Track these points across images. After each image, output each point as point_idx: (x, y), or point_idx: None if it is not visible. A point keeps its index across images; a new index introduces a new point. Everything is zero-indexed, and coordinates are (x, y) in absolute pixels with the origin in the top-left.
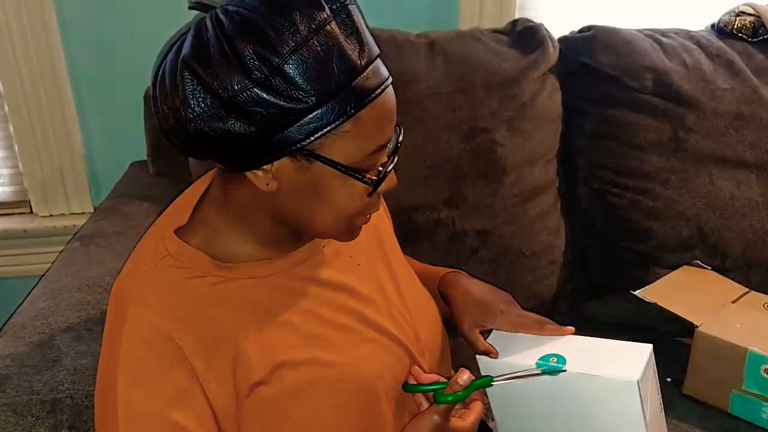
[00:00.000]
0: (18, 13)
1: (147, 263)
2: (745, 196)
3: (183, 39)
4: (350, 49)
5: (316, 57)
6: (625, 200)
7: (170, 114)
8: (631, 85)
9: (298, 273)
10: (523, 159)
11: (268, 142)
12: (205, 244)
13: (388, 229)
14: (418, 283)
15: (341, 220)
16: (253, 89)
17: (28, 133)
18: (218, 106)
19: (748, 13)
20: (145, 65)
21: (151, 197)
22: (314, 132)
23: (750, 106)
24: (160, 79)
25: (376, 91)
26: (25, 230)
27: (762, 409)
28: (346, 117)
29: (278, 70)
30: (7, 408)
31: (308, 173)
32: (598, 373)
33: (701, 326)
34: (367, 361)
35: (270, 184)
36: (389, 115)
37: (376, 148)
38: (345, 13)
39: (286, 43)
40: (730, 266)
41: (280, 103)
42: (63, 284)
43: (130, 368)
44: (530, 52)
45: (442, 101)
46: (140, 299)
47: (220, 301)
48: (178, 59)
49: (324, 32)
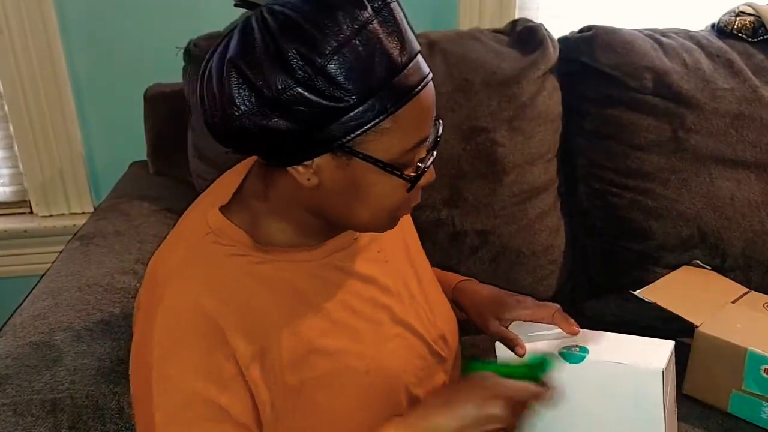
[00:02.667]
0: (18, 13)
1: (189, 239)
2: (745, 196)
3: (229, 38)
4: (391, 48)
5: (358, 56)
6: (625, 200)
7: (217, 112)
8: (631, 85)
9: (332, 262)
10: (523, 159)
11: (309, 140)
12: (246, 225)
13: (411, 229)
14: (438, 283)
15: (380, 214)
16: (297, 89)
17: (28, 133)
18: (263, 104)
19: (748, 13)
20: (145, 65)
21: (151, 197)
22: (355, 129)
23: (750, 106)
24: (207, 77)
25: (416, 89)
26: (25, 230)
27: (762, 409)
28: (386, 114)
29: (321, 70)
30: (7, 408)
31: (348, 169)
32: (624, 361)
33: (701, 326)
34: (393, 356)
35: (311, 179)
36: (428, 111)
37: (415, 144)
38: (387, 11)
39: (328, 43)
40: (730, 266)
41: (323, 102)
42: (63, 284)
43: (168, 345)
44: (530, 52)
45: (442, 101)
46: (182, 275)
47: (261, 280)
48: (224, 58)
49: (366, 31)
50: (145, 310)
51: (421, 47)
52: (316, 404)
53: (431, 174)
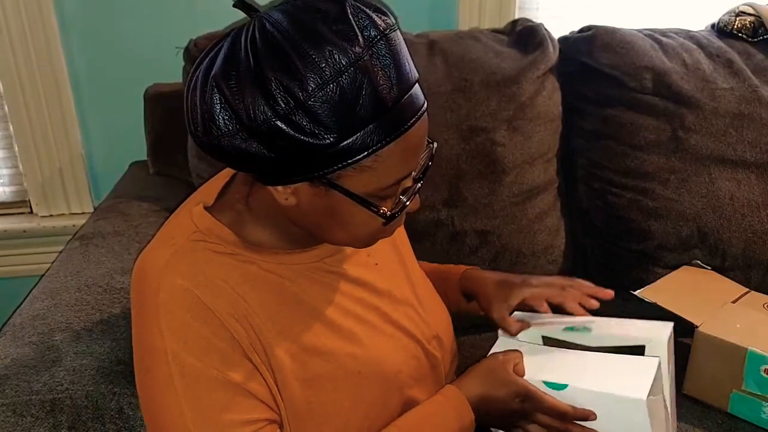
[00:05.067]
0: (18, 13)
1: (176, 238)
2: (745, 196)
3: (219, 49)
4: (381, 85)
5: (343, 95)
6: (624, 200)
7: (199, 124)
8: (630, 85)
9: (323, 265)
10: (523, 159)
11: (287, 168)
12: (233, 225)
13: (402, 231)
14: (430, 283)
15: (357, 239)
16: (275, 122)
17: (28, 133)
18: (241, 129)
19: (748, 13)
20: (145, 65)
21: (151, 197)
22: (333, 164)
23: (750, 105)
24: (192, 88)
25: (405, 126)
26: (24, 230)
27: (762, 409)
28: (368, 153)
29: (302, 105)
30: (6, 408)
31: (325, 198)
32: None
33: (701, 326)
34: (387, 356)
35: (289, 199)
36: (415, 148)
37: (396, 181)
38: (383, 43)
39: (313, 79)
40: (730, 266)
41: (301, 138)
42: (62, 284)
43: (177, 334)
44: (530, 52)
45: (441, 101)
46: (172, 268)
47: (249, 278)
48: (209, 73)
49: (354, 68)
50: (139, 307)
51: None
52: (307, 404)
53: (415, 203)
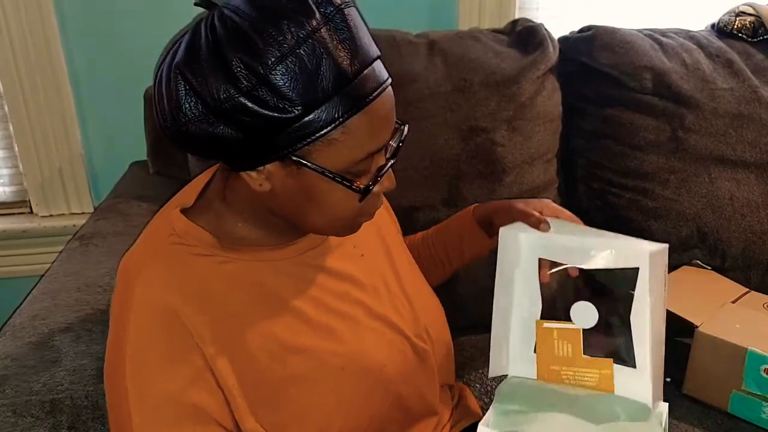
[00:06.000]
0: (18, 13)
1: (154, 241)
2: (745, 196)
3: (181, 41)
4: (341, 57)
5: (303, 66)
6: (624, 200)
7: (167, 115)
8: (630, 85)
9: (304, 260)
10: (523, 159)
11: (256, 148)
12: (210, 226)
13: (388, 222)
14: (421, 275)
15: (336, 222)
16: (239, 99)
17: (28, 133)
18: (208, 112)
19: (748, 13)
20: (145, 65)
21: (151, 197)
22: (301, 140)
23: (749, 106)
24: (158, 80)
25: (368, 98)
26: (25, 230)
27: (762, 409)
28: (335, 125)
29: (264, 80)
30: (6, 408)
31: (298, 177)
32: None
33: (701, 326)
34: (371, 352)
35: (263, 185)
36: (383, 120)
37: (368, 154)
38: (339, 17)
39: (272, 53)
40: (730, 266)
41: (266, 113)
42: (62, 284)
43: (140, 347)
44: (530, 52)
45: (441, 101)
46: (146, 275)
47: (226, 279)
48: (172, 63)
49: (312, 40)
50: (116, 309)
51: (420, 47)
52: (290, 400)
53: (390, 181)
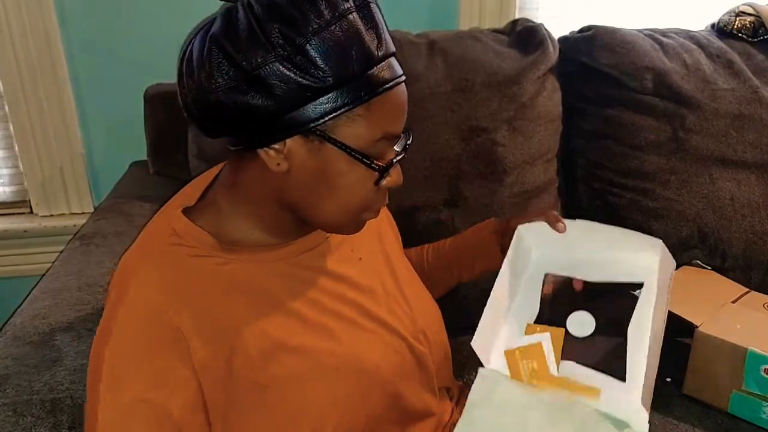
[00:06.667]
0: (18, 12)
1: (153, 241)
2: (746, 196)
3: (212, 21)
4: (369, 41)
5: (337, 41)
6: (624, 200)
7: (194, 87)
8: (631, 85)
9: (301, 261)
10: (523, 159)
11: (283, 119)
12: (211, 225)
13: (387, 230)
14: (418, 279)
15: (346, 210)
16: (275, 63)
17: (28, 133)
18: (241, 79)
19: (748, 13)
20: (145, 65)
21: (151, 197)
22: (329, 112)
23: (750, 106)
24: (188, 56)
25: (390, 83)
26: (25, 230)
27: (762, 409)
28: (360, 101)
29: (300, 49)
30: (7, 408)
31: (319, 155)
32: None
33: (701, 326)
34: (366, 353)
35: (281, 164)
36: (400, 109)
37: (384, 136)
38: (367, 8)
39: (309, 25)
40: (730, 266)
41: (299, 79)
42: (63, 284)
43: (121, 343)
44: (530, 52)
45: (441, 101)
46: (141, 274)
47: (223, 281)
48: (206, 37)
49: (346, 20)
50: (109, 306)
51: (421, 47)
52: (284, 400)
53: (398, 176)
